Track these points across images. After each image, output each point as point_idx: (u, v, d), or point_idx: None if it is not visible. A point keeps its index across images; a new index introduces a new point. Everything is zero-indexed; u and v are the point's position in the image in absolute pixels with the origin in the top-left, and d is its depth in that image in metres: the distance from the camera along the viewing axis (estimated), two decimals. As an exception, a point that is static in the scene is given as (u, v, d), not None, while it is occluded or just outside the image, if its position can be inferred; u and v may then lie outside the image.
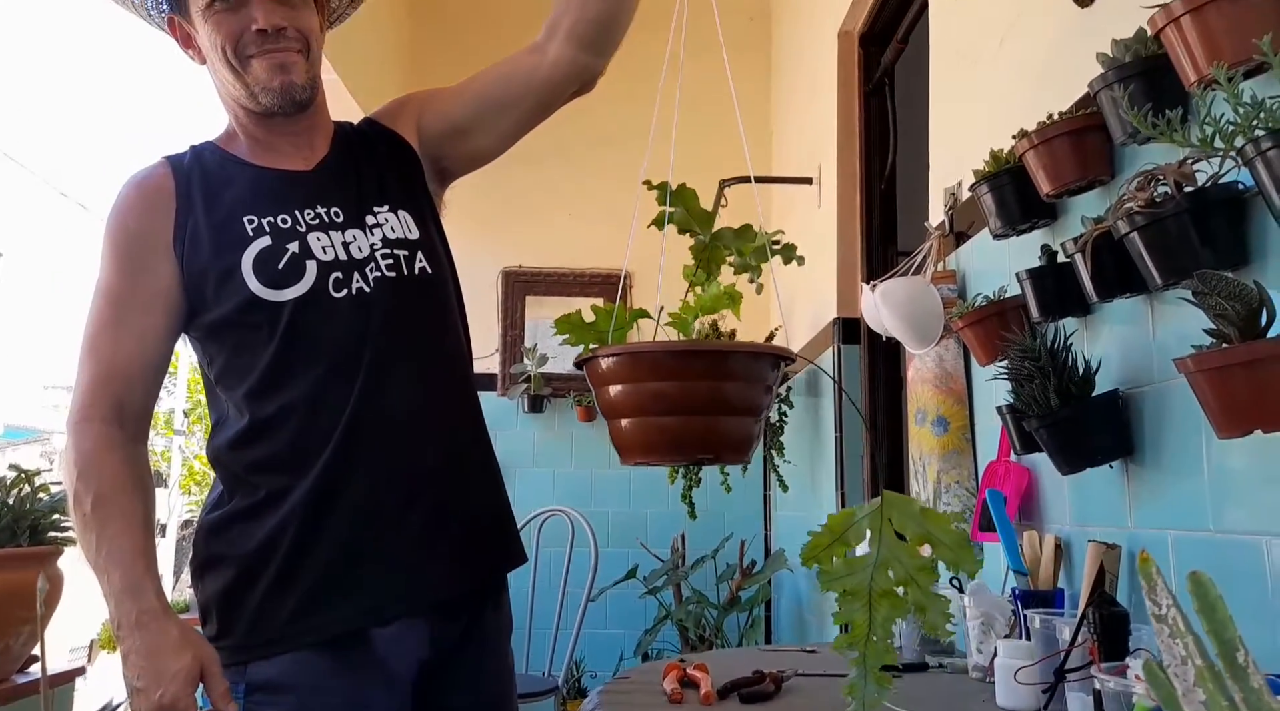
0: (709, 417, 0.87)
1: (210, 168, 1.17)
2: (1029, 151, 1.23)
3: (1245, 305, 0.84)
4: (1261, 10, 0.87)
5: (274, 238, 1.12)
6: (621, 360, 0.86)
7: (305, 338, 1.10)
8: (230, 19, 1.11)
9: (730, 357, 0.89)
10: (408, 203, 1.22)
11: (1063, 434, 1.16)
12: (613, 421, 0.90)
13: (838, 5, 2.79)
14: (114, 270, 1.12)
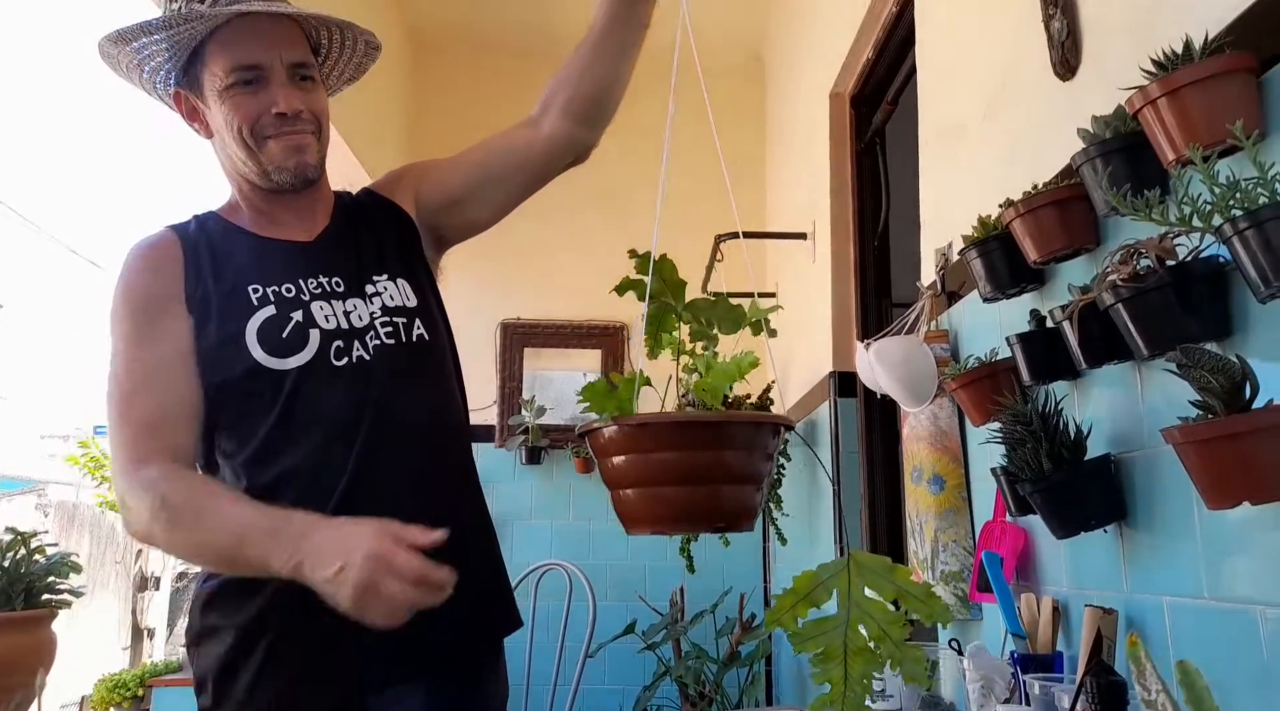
0: (712, 487, 0.88)
1: (215, 236, 1.20)
2: (1016, 219, 1.26)
3: (1228, 378, 0.86)
4: (1234, 93, 0.91)
5: (278, 306, 1.14)
6: (624, 431, 0.87)
7: (306, 405, 1.11)
8: (250, 101, 1.14)
9: (731, 428, 0.91)
10: (406, 271, 1.24)
11: (1056, 499, 1.17)
12: (616, 492, 0.91)
13: (828, 67, 2.86)
14: (133, 335, 1.12)
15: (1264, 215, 0.81)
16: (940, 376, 1.68)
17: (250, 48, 1.13)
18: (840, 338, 2.79)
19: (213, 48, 1.14)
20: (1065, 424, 1.20)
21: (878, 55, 2.55)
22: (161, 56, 1.17)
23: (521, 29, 4.09)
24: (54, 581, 1.79)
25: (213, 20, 1.11)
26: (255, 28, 1.14)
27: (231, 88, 1.14)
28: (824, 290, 2.88)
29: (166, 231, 1.20)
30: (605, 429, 0.87)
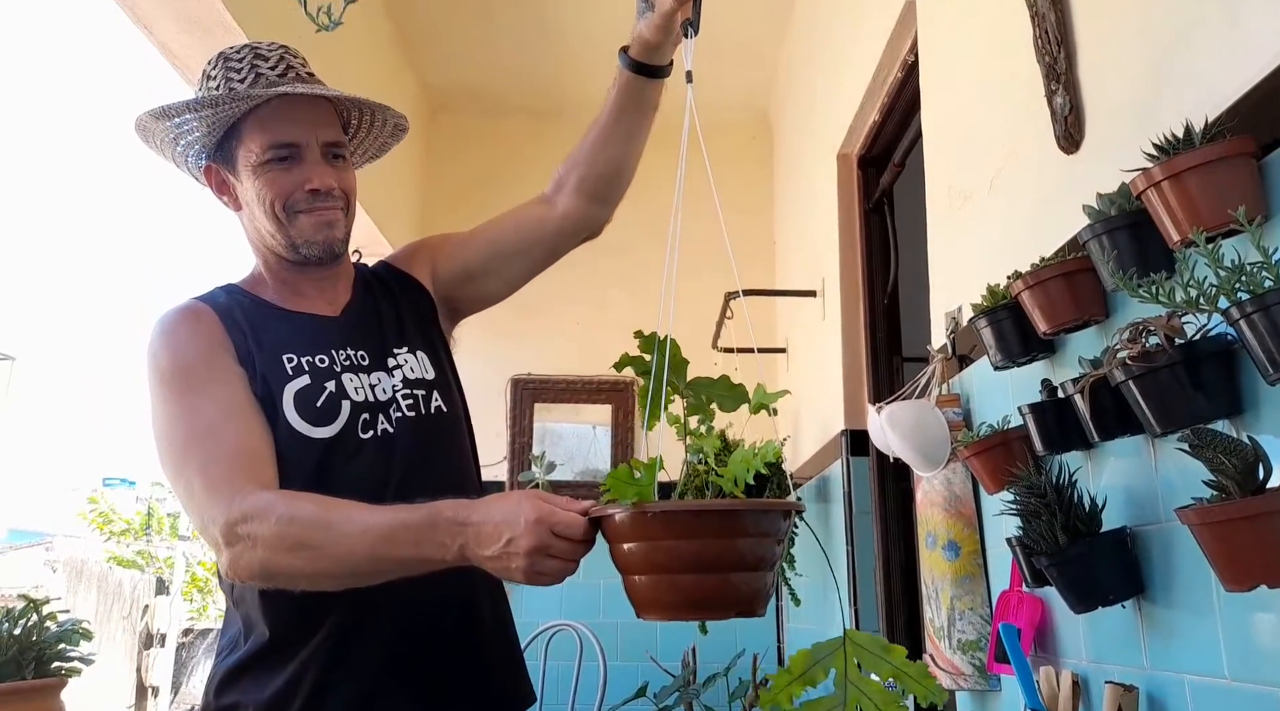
0: (723, 575, 0.88)
1: (245, 307, 1.21)
2: (1024, 291, 1.27)
3: (1242, 460, 0.86)
4: (1236, 177, 0.92)
5: (312, 376, 1.15)
6: (634, 518, 0.88)
7: (332, 478, 1.11)
8: (284, 177, 1.16)
9: (743, 516, 0.91)
10: (424, 343, 1.26)
11: (1072, 573, 1.16)
12: (627, 577, 0.91)
13: (836, 129, 2.91)
14: (189, 388, 1.09)
15: (1270, 299, 0.82)
16: (953, 442, 1.67)
17: (288, 127, 1.16)
18: (851, 396, 2.79)
19: (250, 125, 1.17)
20: (1080, 496, 1.20)
21: (884, 118, 2.59)
22: (198, 132, 1.20)
23: (534, 89, 4.18)
24: (64, 648, 1.79)
25: (254, 101, 1.15)
26: (292, 108, 1.17)
27: (267, 163, 1.16)
28: (834, 348, 2.89)
29: (195, 301, 1.20)
30: (617, 515, 0.88)
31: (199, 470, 1.04)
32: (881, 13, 2.38)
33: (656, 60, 1.23)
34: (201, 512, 1.03)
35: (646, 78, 1.24)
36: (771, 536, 0.90)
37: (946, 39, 1.96)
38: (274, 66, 1.17)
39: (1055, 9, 1.37)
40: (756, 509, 0.89)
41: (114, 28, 2.37)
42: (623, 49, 1.24)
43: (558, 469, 4.00)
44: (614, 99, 1.26)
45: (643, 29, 1.19)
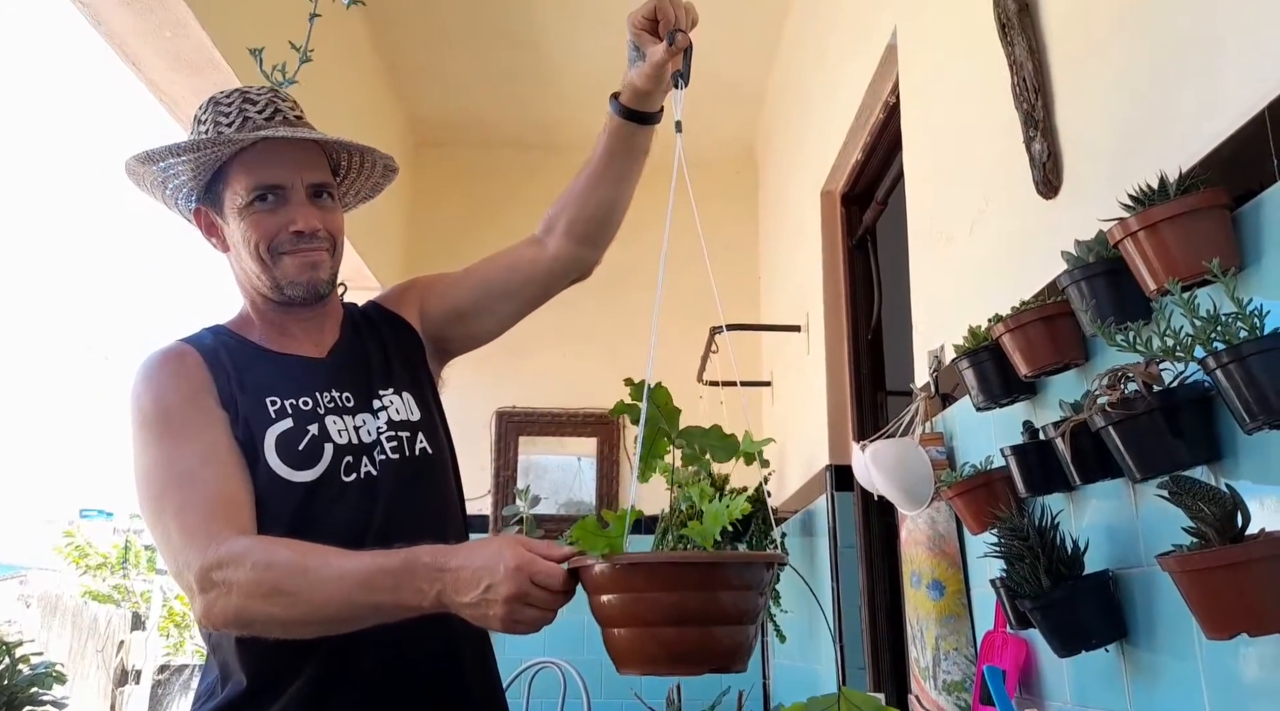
0: (704, 628, 0.87)
1: (230, 349, 1.20)
2: (1005, 334, 1.28)
3: (1220, 507, 0.87)
4: (1210, 228, 0.94)
5: (295, 419, 1.14)
6: (614, 569, 0.87)
7: (314, 522, 1.10)
8: (269, 219, 1.16)
9: (725, 568, 0.90)
10: (411, 385, 1.26)
11: (1055, 617, 1.16)
12: (606, 630, 0.90)
13: (819, 166, 2.95)
14: (171, 431, 1.08)
15: (1245, 350, 0.83)
16: (936, 481, 1.68)
17: (272, 169, 1.17)
18: (836, 430, 2.80)
19: (236, 168, 1.17)
20: (1062, 539, 1.21)
21: (867, 157, 2.63)
22: (185, 175, 1.20)
23: (521, 124, 4.22)
24: (36, 692, 1.75)
25: (238, 144, 1.15)
26: (278, 150, 1.17)
27: (252, 205, 1.16)
28: (819, 382, 2.90)
29: (180, 343, 1.20)
30: (595, 566, 0.87)
31: (175, 515, 1.03)
32: (864, 54, 2.43)
33: (647, 107, 1.24)
34: (177, 558, 1.02)
35: (637, 124, 1.25)
36: (754, 588, 0.89)
37: (927, 82, 2.00)
38: (261, 110, 1.18)
39: (1032, 58, 1.40)
40: (739, 561, 0.89)
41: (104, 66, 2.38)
42: (614, 95, 1.25)
43: (542, 502, 3.98)
44: (605, 144, 1.28)
45: (634, 77, 1.20)
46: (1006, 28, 1.45)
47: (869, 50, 2.37)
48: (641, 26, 1.15)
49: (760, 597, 0.90)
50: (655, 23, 1.15)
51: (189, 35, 2.07)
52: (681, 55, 1.14)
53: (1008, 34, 1.45)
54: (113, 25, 2.03)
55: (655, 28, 1.15)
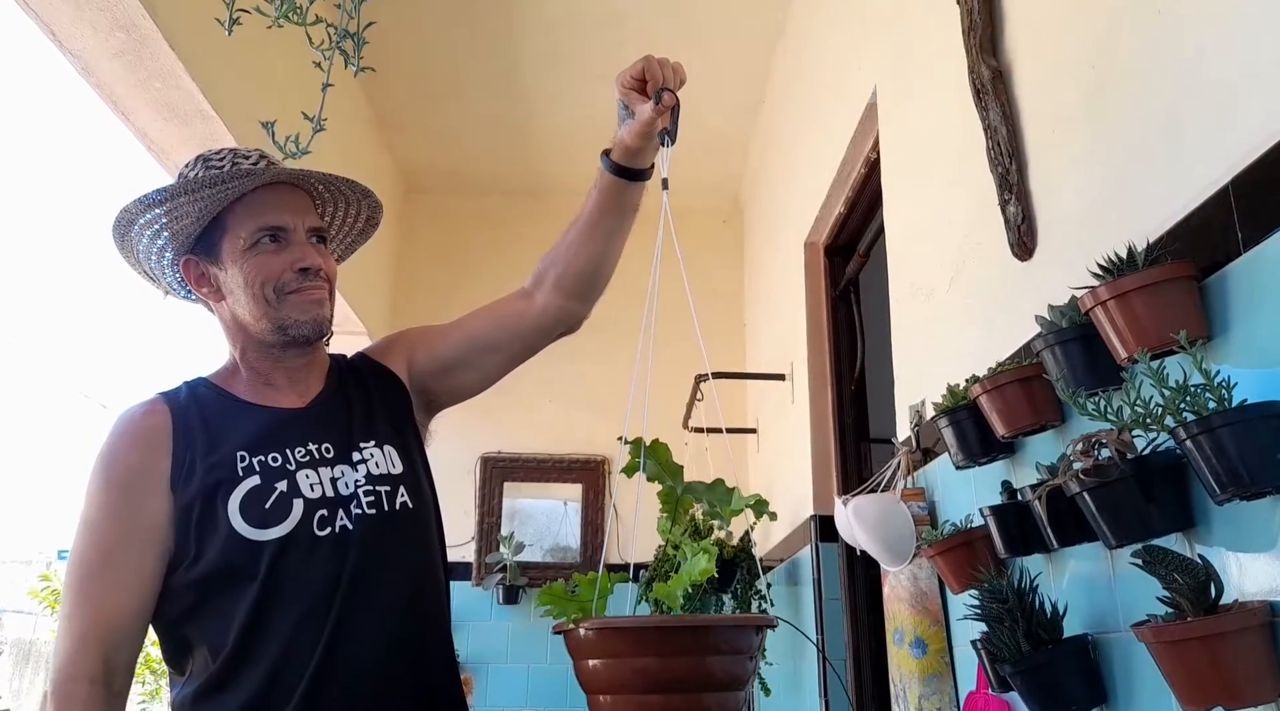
0: (692, 696, 0.86)
1: (207, 405, 1.20)
2: (982, 395, 1.29)
3: (1194, 578, 0.88)
4: (1177, 299, 0.96)
5: (263, 477, 1.14)
6: (601, 634, 0.86)
7: (285, 580, 1.10)
8: (273, 260, 1.18)
9: (712, 632, 0.89)
10: (394, 437, 1.25)
11: (1036, 682, 1.15)
12: (591, 697, 0.89)
13: (803, 218, 2.98)
14: (108, 508, 1.12)
15: (1214, 421, 0.84)
16: (918, 538, 1.68)
17: (275, 211, 1.19)
18: (820, 481, 2.80)
19: (236, 213, 1.19)
20: (1041, 601, 1.20)
21: (849, 211, 2.66)
22: (189, 218, 1.19)
23: (507, 171, 4.26)
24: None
25: (256, 180, 1.18)
26: (279, 195, 1.20)
27: (256, 246, 1.18)
28: (803, 431, 2.90)
29: (157, 400, 1.20)
30: (580, 630, 0.86)
31: (63, 620, 1.12)
32: (845, 111, 2.47)
33: (637, 164, 1.26)
34: (56, 648, 1.11)
35: (628, 181, 1.27)
36: (744, 652, 0.89)
37: (906, 141, 2.04)
38: (255, 163, 1.20)
39: (1006, 123, 1.44)
40: (727, 624, 0.88)
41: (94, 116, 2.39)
42: (605, 152, 1.27)
43: (527, 549, 3.94)
44: (595, 199, 1.29)
45: (624, 135, 1.22)
46: (981, 93, 1.48)
47: (850, 107, 2.42)
48: (630, 86, 1.18)
49: (750, 662, 0.89)
50: (643, 82, 1.17)
51: (179, 86, 2.10)
52: (669, 113, 1.16)
53: (982, 99, 1.48)
54: (102, 76, 2.05)
55: (643, 87, 1.17)
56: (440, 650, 1.22)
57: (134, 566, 1.10)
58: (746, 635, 0.89)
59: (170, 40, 1.94)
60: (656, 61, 1.17)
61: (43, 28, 1.88)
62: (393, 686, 1.12)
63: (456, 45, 3.43)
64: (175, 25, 1.96)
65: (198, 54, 2.08)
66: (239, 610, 1.09)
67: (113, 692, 1.08)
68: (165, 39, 1.92)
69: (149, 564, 1.11)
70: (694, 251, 1.27)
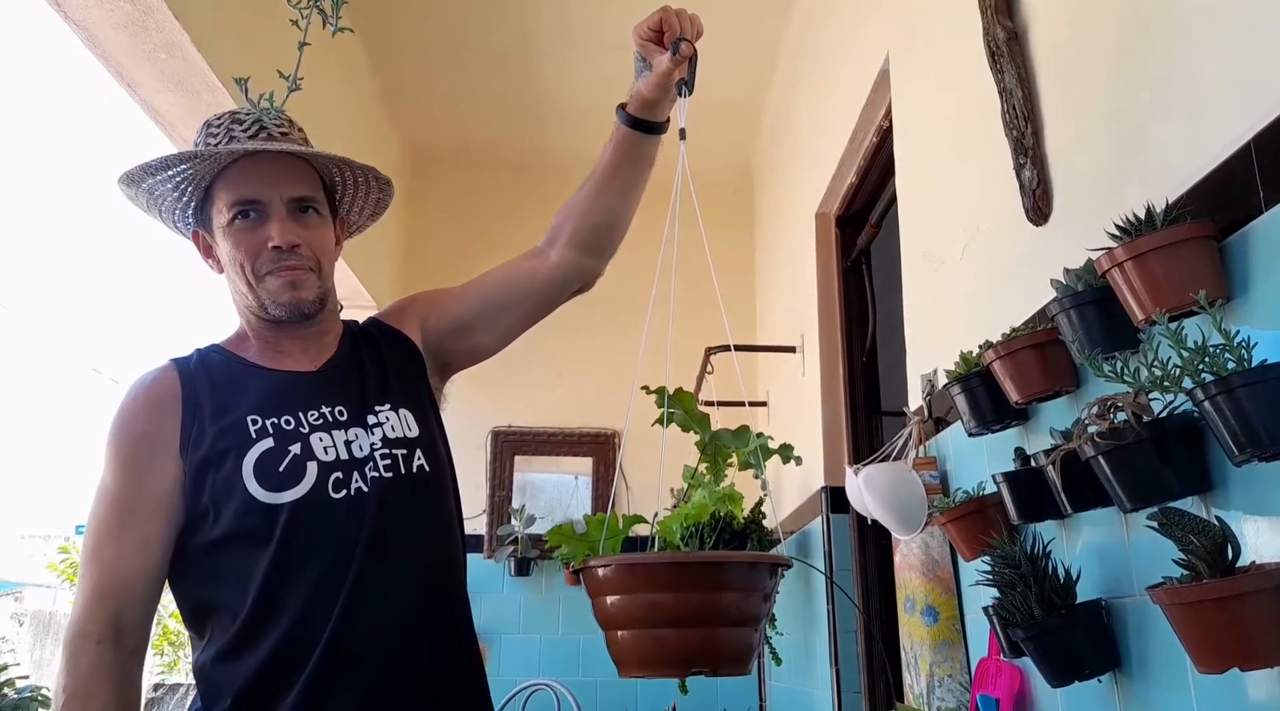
0: (707, 629, 0.87)
1: (216, 370, 1.21)
2: (996, 361, 1.28)
3: (1210, 540, 0.87)
4: (1197, 259, 0.94)
5: (276, 439, 1.14)
6: (617, 571, 0.87)
7: (302, 542, 1.10)
8: (249, 237, 1.17)
9: (726, 568, 0.90)
10: (409, 401, 1.25)
11: (1048, 646, 1.15)
12: (609, 632, 0.90)
13: (814, 188, 2.96)
14: (119, 474, 1.14)
15: (1234, 381, 0.83)
16: (929, 506, 1.67)
17: (251, 185, 1.17)
18: (831, 452, 2.79)
19: (219, 186, 1.19)
20: (1054, 567, 1.20)
21: (861, 180, 2.64)
22: (170, 197, 1.21)
23: (515, 145, 4.23)
24: (22, 717, 1.74)
25: (210, 158, 1.16)
26: (258, 166, 1.18)
27: (233, 222, 1.17)
28: (814, 403, 2.89)
29: (168, 366, 1.21)
30: (598, 567, 0.87)
31: (83, 576, 1.13)
32: (857, 79, 2.44)
33: (654, 116, 1.25)
34: (74, 599, 1.13)
35: (644, 133, 1.26)
36: (758, 591, 0.89)
37: (919, 108, 2.01)
38: (247, 129, 1.18)
39: (1022, 86, 1.41)
40: (741, 562, 0.89)
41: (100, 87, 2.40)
42: (621, 105, 1.26)
43: (538, 522, 3.96)
44: (611, 153, 1.28)
45: (640, 87, 1.22)
46: (996, 56, 1.46)
47: (862, 75, 2.39)
48: (646, 37, 1.17)
49: (764, 602, 0.90)
50: (660, 33, 1.17)
51: (185, 57, 2.08)
52: (686, 64, 1.15)
53: (998, 62, 1.46)
54: (108, 48, 2.03)
55: (660, 38, 1.17)
56: (458, 609, 1.22)
57: (143, 531, 1.12)
58: (761, 573, 0.89)
59: (175, 10, 1.92)
60: (673, 12, 1.17)
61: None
62: (412, 646, 1.13)
63: (465, 18, 3.40)
64: (180, -5, 1.94)
65: (203, 24, 2.06)
66: (256, 573, 1.09)
67: (123, 650, 1.09)
68: (170, 9, 1.91)
69: (159, 528, 1.12)
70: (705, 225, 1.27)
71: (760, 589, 0.92)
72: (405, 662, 1.12)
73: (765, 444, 1.06)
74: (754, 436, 1.06)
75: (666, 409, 1.03)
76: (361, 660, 1.09)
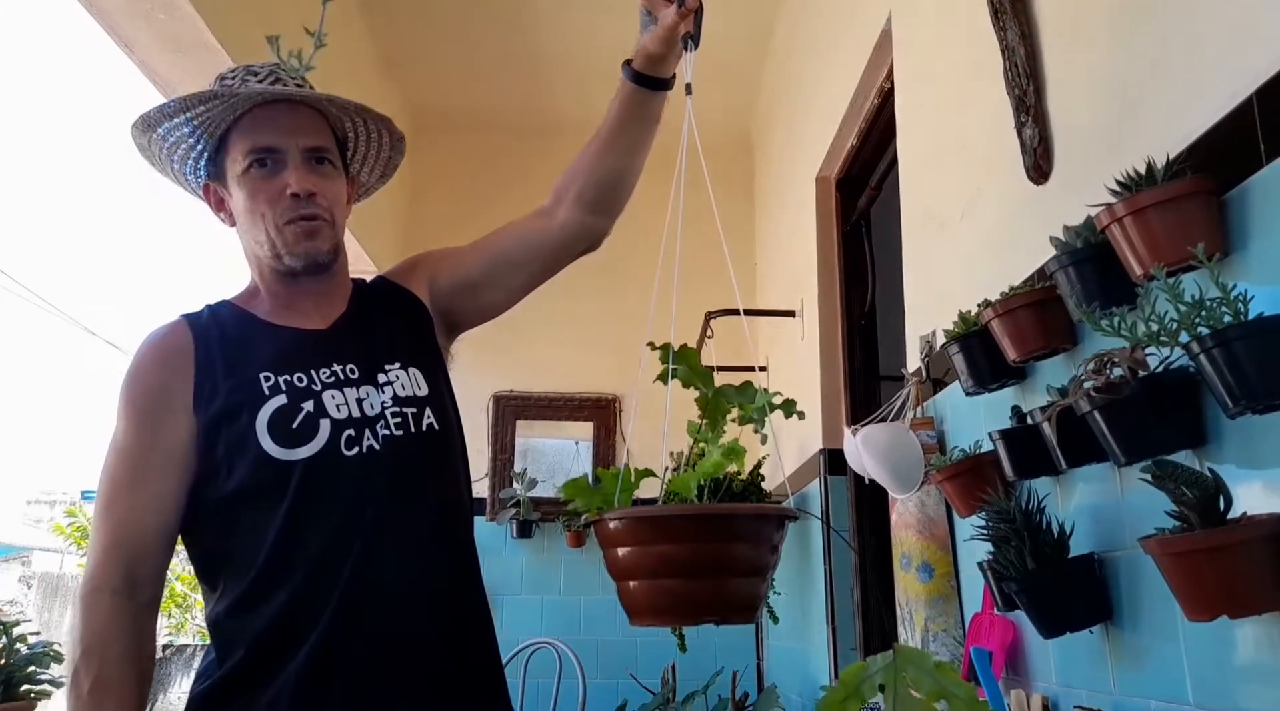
0: (716, 580, 0.89)
1: (228, 326, 1.21)
2: (994, 320, 1.29)
3: (1203, 491, 0.88)
4: (1196, 214, 0.95)
5: (289, 396, 1.15)
6: (629, 523, 0.88)
7: (315, 498, 1.11)
8: (265, 185, 1.17)
9: (735, 520, 0.92)
10: (418, 359, 1.25)
11: (1040, 599, 1.18)
12: (621, 583, 0.92)
13: (814, 152, 2.94)
14: (131, 429, 1.14)
15: (1230, 334, 0.84)
16: (926, 464, 1.69)
17: (266, 133, 1.17)
18: (830, 415, 2.81)
19: (234, 135, 1.19)
20: (1048, 522, 1.22)
21: (861, 142, 2.62)
22: (186, 143, 1.21)
23: (516, 108, 4.20)
24: (35, 671, 1.77)
25: (228, 102, 1.15)
26: (273, 115, 1.18)
27: (249, 170, 1.17)
28: (813, 367, 2.91)
29: (179, 322, 1.21)
30: (610, 520, 0.89)
31: (96, 528, 1.14)
32: (858, 40, 2.42)
33: (659, 72, 1.24)
34: (87, 554, 1.13)
35: (649, 90, 1.25)
36: (765, 542, 0.91)
37: (920, 68, 1.99)
38: (262, 79, 1.18)
39: (1025, 43, 1.40)
40: (749, 513, 0.90)
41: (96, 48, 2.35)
42: (626, 62, 1.25)
43: (539, 485, 3.99)
44: (616, 111, 1.27)
45: (646, 42, 1.21)
46: (999, 13, 1.45)
47: (863, 36, 2.37)
48: None
49: (771, 553, 0.92)
50: None
51: (181, 17, 2.07)
52: (692, 17, 1.14)
53: (1000, 19, 1.45)
54: (103, 5, 2.02)
55: None
56: (468, 564, 1.24)
57: (155, 485, 1.12)
58: (768, 525, 0.91)
59: (171, -33, 1.91)
60: None
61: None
62: (423, 599, 1.15)
63: (461, -25, 3.35)
64: (176, -48, 1.92)
65: (200, -18, 2.04)
66: (269, 528, 1.10)
67: (137, 603, 1.11)
68: (166, -34, 1.89)
69: (171, 483, 1.13)
70: (704, 186, 1.27)
71: (768, 540, 0.94)
72: (417, 615, 1.14)
73: (770, 399, 1.07)
74: (760, 391, 1.08)
75: (671, 365, 1.04)
76: (374, 613, 1.11)
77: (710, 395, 1.07)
